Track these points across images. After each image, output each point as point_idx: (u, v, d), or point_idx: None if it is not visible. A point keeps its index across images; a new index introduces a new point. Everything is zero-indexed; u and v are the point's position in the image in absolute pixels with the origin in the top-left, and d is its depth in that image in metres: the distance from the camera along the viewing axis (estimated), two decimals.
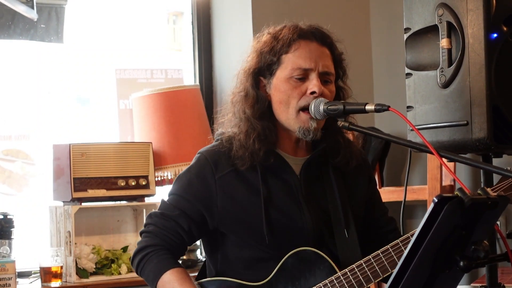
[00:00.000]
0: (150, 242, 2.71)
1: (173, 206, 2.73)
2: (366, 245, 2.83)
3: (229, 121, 2.80)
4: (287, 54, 2.70)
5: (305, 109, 2.67)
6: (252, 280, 2.67)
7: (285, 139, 2.75)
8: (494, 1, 2.85)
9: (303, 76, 2.68)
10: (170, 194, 2.79)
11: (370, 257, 2.64)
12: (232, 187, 2.70)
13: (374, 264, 2.63)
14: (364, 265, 2.63)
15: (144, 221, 2.80)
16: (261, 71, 2.74)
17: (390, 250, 2.63)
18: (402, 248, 2.63)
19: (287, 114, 2.69)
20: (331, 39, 2.77)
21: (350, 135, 2.89)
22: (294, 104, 2.68)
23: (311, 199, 2.74)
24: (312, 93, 2.66)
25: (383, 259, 2.63)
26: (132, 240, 4.26)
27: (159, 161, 4.38)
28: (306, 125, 2.67)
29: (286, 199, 2.71)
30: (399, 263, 1.80)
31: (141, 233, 2.78)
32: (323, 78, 2.71)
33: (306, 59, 2.69)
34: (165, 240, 2.70)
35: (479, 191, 1.87)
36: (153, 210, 2.80)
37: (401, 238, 2.66)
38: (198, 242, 3.59)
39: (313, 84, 2.67)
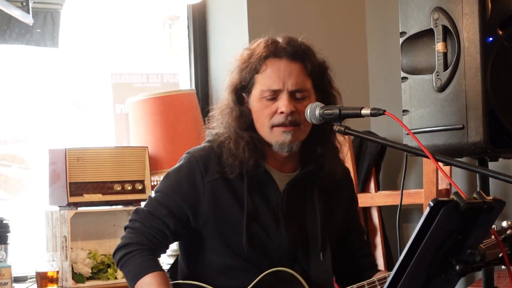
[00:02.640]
0: (135, 240, 2.72)
1: (160, 204, 2.74)
2: (338, 265, 2.88)
3: (218, 127, 2.83)
4: (258, 74, 2.73)
5: (277, 125, 2.71)
6: None
7: (272, 154, 2.78)
8: (490, 5, 2.85)
9: (274, 96, 2.71)
10: (157, 191, 2.79)
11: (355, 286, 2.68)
12: (219, 193, 2.72)
13: None
14: None
15: (130, 216, 2.80)
16: (242, 88, 2.77)
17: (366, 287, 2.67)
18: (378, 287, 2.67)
19: (263, 131, 2.74)
20: (305, 52, 2.78)
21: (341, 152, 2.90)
22: (267, 122, 2.72)
23: (291, 217, 2.77)
24: (282, 112, 2.69)
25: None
26: None
27: (155, 166, 4.37)
28: (281, 139, 2.71)
29: (267, 215, 2.74)
30: (395, 267, 1.80)
31: (125, 228, 2.79)
32: (295, 95, 2.72)
33: (275, 79, 2.71)
34: (149, 239, 2.71)
35: (475, 195, 1.87)
36: (140, 206, 2.80)
37: (378, 277, 2.68)
38: None
39: (282, 104, 2.70)
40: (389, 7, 5.00)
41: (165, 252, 2.82)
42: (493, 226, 2.12)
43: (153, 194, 2.82)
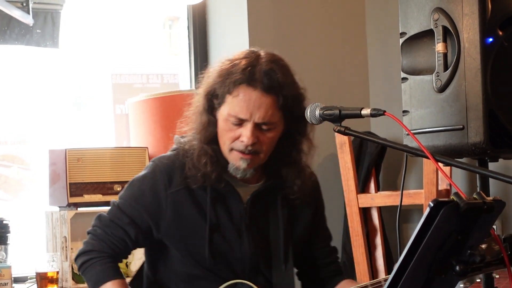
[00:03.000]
0: (96, 247, 2.76)
1: (123, 212, 2.76)
2: (303, 274, 2.90)
3: (188, 132, 2.84)
4: (229, 95, 2.69)
5: (236, 150, 2.70)
6: None
7: None
8: (490, 6, 2.85)
9: (239, 123, 2.68)
10: (121, 198, 2.81)
11: None
12: (181, 205, 2.73)
13: None
14: None
15: (93, 221, 2.84)
16: (215, 96, 2.74)
17: None
18: None
19: (223, 148, 2.74)
20: (281, 85, 2.69)
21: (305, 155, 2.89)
22: (227, 144, 2.71)
23: (254, 229, 2.78)
24: (242, 141, 2.68)
25: None
26: None
27: None
28: (237, 164, 2.72)
29: (230, 227, 2.75)
30: (395, 268, 1.80)
31: (88, 233, 2.83)
32: (261, 127, 2.69)
33: (243, 108, 2.66)
34: (111, 247, 2.75)
35: (475, 196, 1.86)
36: (103, 213, 2.84)
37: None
38: None
39: (245, 133, 2.68)
40: (389, 8, 5.00)
41: (126, 258, 2.87)
42: (493, 226, 2.12)
43: (116, 201, 2.84)
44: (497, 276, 2.97)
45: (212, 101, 2.75)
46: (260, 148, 2.70)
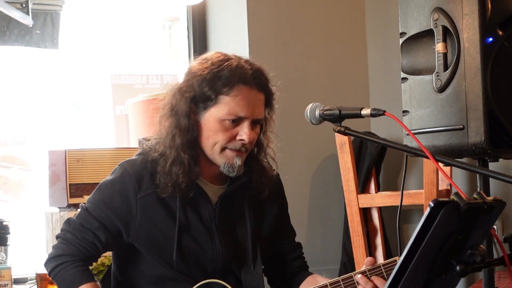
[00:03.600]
0: (67, 251, 2.74)
1: (92, 217, 2.75)
2: (270, 270, 2.93)
3: (155, 138, 2.82)
4: (226, 96, 2.69)
5: (231, 149, 2.71)
6: None
7: (206, 167, 2.79)
8: (490, 5, 2.85)
9: (236, 122, 2.70)
10: (90, 202, 2.80)
11: None
12: (151, 208, 2.73)
13: None
14: None
15: (62, 225, 2.82)
16: (196, 100, 2.73)
17: None
18: None
19: (212, 150, 2.73)
20: (267, 84, 2.76)
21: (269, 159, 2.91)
22: (221, 144, 2.71)
23: (224, 229, 2.80)
24: (241, 139, 2.70)
25: None
26: None
27: None
28: (231, 162, 2.72)
29: (200, 228, 2.76)
30: (395, 268, 1.80)
31: (57, 237, 2.81)
32: (254, 123, 2.74)
33: (244, 107, 2.69)
34: (81, 250, 2.74)
35: (475, 196, 1.86)
36: (72, 217, 2.81)
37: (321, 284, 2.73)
38: None
39: (244, 131, 2.70)
40: (389, 8, 5.00)
41: (96, 261, 2.85)
42: (493, 226, 2.11)
43: (85, 204, 2.82)
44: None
45: (197, 105, 2.73)
46: (250, 146, 2.75)
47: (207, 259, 2.76)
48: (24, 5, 4.36)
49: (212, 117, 2.71)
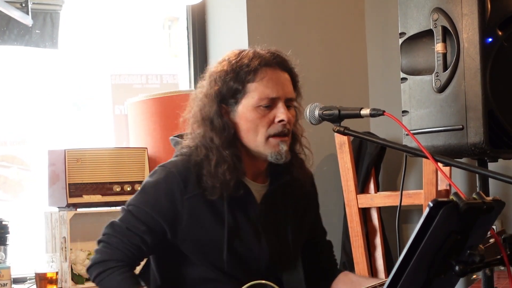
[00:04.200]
0: (112, 256, 2.68)
1: (138, 220, 2.69)
2: (306, 268, 2.92)
3: (193, 139, 2.79)
4: (253, 82, 2.70)
5: (274, 135, 2.70)
6: None
7: (249, 165, 2.77)
8: (489, 6, 2.85)
9: (270, 104, 2.70)
10: (134, 205, 2.74)
11: None
12: (198, 210, 2.69)
13: None
14: None
15: (104, 229, 2.75)
16: (224, 98, 2.73)
17: None
18: None
19: (255, 142, 2.71)
20: (290, 64, 2.79)
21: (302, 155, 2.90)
22: (264, 132, 2.70)
23: (269, 228, 2.78)
24: (281, 121, 2.69)
25: None
26: None
27: (155, 167, 4.36)
28: (277, 149, 2.71)
29: (248, 229, 2.73)
30: (394, 268, 1.80)
31: (100, 242, 2.74)
32: (287, 103, 2.74)
33: (273, 88, 2.70)
34: (127, 255, 2.68)
35: (474, 196, 1.86)
36: (116, 220, 2.74)
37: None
38: None
39: (280, 112, 2.70)
40: (389, 8, 5.00)
41: (139, 265, 2.80)
42: (492, 226, 2.12)
43: (127, 207, 2.76)
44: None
45: (227, 102, 2.73)
46: (290, 128, 2.74)
47: (253, 259, 2.73)
48: (23, 5, 4.35)
49: (246, 108, 2.71)
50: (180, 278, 2.76)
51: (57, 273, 3.90)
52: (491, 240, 2.85)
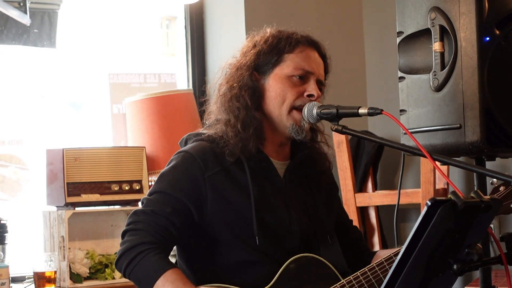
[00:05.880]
0: (142, 239, 2.54)
1: (163, 203, 2.59)
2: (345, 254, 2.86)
3: (218, 113, 2.76)
4: (290, 53, 2.72)
5: (298, 108, 2.69)
6: (246, 285, 2.58)
7: (269, 141, 2.74)
8: (487, 5, 2.85)
9: (304, 77, 2.71)
10: (155, 192, 2.65)
11: (374, 264, 2.64)
12: (221, 186, 2.63)
13: (379, 272, 2.64)
14: (368, 273, 2.63)
15: (129, 219, 2.62)
16: (258, 66, 2.74)
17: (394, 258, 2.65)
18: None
19: (280, 110, 2.70)
20: (326, 53, 2.83)
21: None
22: (290, 101, 2.69)
23: (296, 203, 2.73)
24: (310, 95, 2.69)
25: (387, 267, 2.63)
26: None
27: (153, 166, 4.37)
28: (299, 123, 2.69)
29: (275, 201, 2.68)
30: (393, 267, 1.80)
31: (125, 232, 2.60)
32: (318, 85, 2.74)
33: (310, 63, 2.73)
34: (157, 237, 2.54)
35: (472, 194, 1.87)
36: (138, 208, 2.63)
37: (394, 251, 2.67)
38: None
39: (312, 87, 2.70)
40: (386, 7, 5.01)
41: (171, 251, 2.66)
42: (490, 225, 2.12)
43: (149, 196, 2.66)
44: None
45: (260, 70, 2.73)
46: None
47: (286, 232, 2.65)
48: (21, 4, 4.36)
49: (278, 76, 2.72)
50: (212, 267, 2.65)
51: (55, 272, 3.90)
52: (501, 189, 2.89)
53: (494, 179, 2.92)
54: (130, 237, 2.57)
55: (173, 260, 2.72)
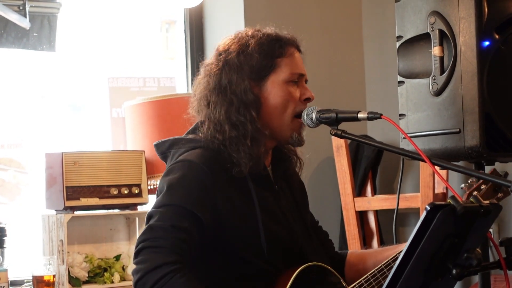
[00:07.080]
0: (165, 259, 2.38)
1: (179, 217, 2.46)
2: None
3: (205, 115, 2.69)
4: (282, 58, 2.64)
5: (298, 116, 2.64)
6: None
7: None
8: (486, 9, 2.85)
9: (297, 81, 2.66)
10: (166, 205, 2.50)
11: (375, 271, 2.64)
12: (229, 194, 2.56)
13: (380, 278, 2.63)
14: (371, 279, 2.63)
15: (143, 235, 2.45)
16: (253, 73, 2.63)
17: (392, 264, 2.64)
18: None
19: (281, 120, 2.64)
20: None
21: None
22: (292, 109, 2.63)
23: (289, 209, 2.72)
24: (306, 99, 2.65)
25: (387, 273, 2.62)
26: (125, 248, 4.25)
27: (152, 170, 4.37)
28: (299, 132, 2.66)
29: (275, 210, 2.65)
30: (392, 272, 1.80)
31: (142, 249, 2.42)
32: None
33: (299, 65, 2.68)
34: (180, 254, 2.41)
35: (471, 199, 1.87)
36: (154, 222, 2.46)
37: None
38: None
39: (306, 90, 2.67)
40: (386, 11, 5.01)
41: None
42: (489, 230, 2.12)
43: (159, 208, 2.50)
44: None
45: (257, 76, 2.62)
46: None
47: (289, 239, 2.62)
48: (21, 8, 4.36)
49: (276, 83, 2.63)
50: (221, 278, 2.57)
51: (54, 276, 3.89)
52: (483, 187, 2.88)
53: (468, 181, 2.92)
54: (150, 255, 2.41)
55: None
